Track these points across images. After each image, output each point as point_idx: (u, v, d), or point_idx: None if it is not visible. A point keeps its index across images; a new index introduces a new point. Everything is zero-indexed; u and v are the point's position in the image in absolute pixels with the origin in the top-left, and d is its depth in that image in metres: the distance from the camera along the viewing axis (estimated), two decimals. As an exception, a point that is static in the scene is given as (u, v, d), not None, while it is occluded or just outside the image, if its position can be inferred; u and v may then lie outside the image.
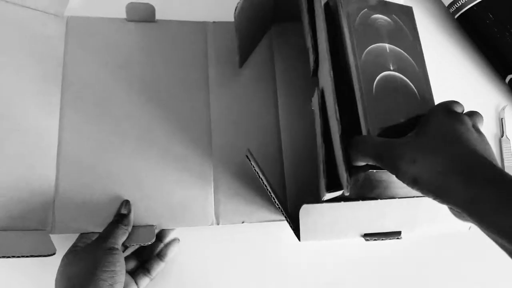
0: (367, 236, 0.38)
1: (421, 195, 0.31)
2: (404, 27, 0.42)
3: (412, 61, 0.40)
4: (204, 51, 0.51)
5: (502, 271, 0.52)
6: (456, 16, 0.59)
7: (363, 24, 0.40)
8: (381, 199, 0.37)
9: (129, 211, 0.43)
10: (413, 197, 0.37)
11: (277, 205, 0.39)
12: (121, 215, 0.43)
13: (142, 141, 0.47)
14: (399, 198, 0.36)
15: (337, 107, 0.35)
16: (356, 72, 0.37)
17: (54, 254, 0.39)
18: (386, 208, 0.37)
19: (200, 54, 0.51)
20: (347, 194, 0.34)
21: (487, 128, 0.58)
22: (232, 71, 0.51)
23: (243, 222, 0.46)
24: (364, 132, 0.35)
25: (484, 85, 0.59)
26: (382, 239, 0.38)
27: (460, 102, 0.36)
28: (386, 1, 0.42)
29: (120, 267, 0.38)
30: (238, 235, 0.49)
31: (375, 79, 0.38)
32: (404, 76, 0.39)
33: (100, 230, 0.42)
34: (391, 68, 0.39)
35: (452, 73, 0.59)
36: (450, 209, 0.32)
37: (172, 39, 0.51)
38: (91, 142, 0.46)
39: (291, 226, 0.38)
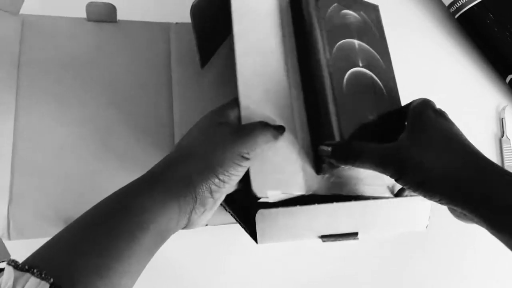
0: (324, 237, 0.37)
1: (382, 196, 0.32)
2: (372, 24, 0.42)
3: (379, 58, 0.41)
4: (167, 52, 0.50)
5: (459, 266, 0.53)
6: (456, 16, 0.59)
7: (333, 18, 0.39)
8: (351, 195, 0.37)
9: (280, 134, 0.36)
10: (368, 199, 0.37)
11: (229, 212, 0.39)
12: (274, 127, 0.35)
13: (101, 144, 0.45)
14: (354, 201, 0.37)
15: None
16: (326, 67, 0.37)
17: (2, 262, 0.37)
18: (341, 211, 0.37)
19: (163, 56, 0.49)
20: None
21: (488, 128, 0.58)
22: (196, 73, 0.49)
23: (206, 225, 0.45)
24: (335, 127, 0.35)
25: (484, 85, 0.59)
26: (339, 240, 0.38)
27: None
28: None
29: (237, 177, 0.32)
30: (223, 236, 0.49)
31: (345, 74, 0.38)
32: (372, 73, 0.39)
33: None
34: (360, 64, 0.39)
35: (452, 73, 0.59)
36: (452, 210, 0.32)
37: (133, 40, 0.49)
38: (47, 146, 0.44)
39: (246, 231, 0.38)
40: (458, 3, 0.58)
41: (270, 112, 0.36)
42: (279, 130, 0.35)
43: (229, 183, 0.31)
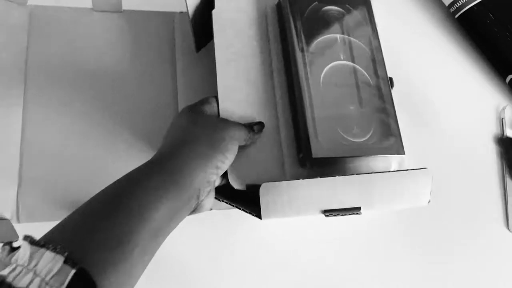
0: (327, 212, 0.37)
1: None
2: (358, 15, 0.43)
3: (366, 48, 0.42)
4: (171, 41, 0.51)
5: (461, 241, 0.52)
6: (456, 16, 0.59)
7: (312, 17, 0.42)
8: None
9: (258, 131, 0.39)
10: (371, 173, 0.37)
11: (224, 201, 0.40)
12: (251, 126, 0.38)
13: (106, 131, 0.46)
14: (357, 174, 0.37)
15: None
16: (302, 65, 0.39)
17: (16, 241, 0.39)
18: (344, 185, 0.37)
19: (168, 45, 0.50)
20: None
21: (487, 128, 0.58)
22: (200, 62, 0.50)
23: (211, 209, 0.46)
24: (309, 119, 0.37)
25: (484, 85, 0.59)
26: (342, 215, 0.38)
27: None
28: None
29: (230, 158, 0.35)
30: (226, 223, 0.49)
31: (323, 69, 0.40)
32: (356, 64, 0.41)
33: None
34: (342, 57, 0.41)
35: (452, 73, 0.59)
36: None
37: (139, 29, 0.51)
38: (54, 132, 0.45)
39: (246, 211, 0.39)
40: (458, 3, 0.58)
41: (251, 112, 0.39)
42: (258, 126, 0.38)
43: (229, 159, 0.34)
